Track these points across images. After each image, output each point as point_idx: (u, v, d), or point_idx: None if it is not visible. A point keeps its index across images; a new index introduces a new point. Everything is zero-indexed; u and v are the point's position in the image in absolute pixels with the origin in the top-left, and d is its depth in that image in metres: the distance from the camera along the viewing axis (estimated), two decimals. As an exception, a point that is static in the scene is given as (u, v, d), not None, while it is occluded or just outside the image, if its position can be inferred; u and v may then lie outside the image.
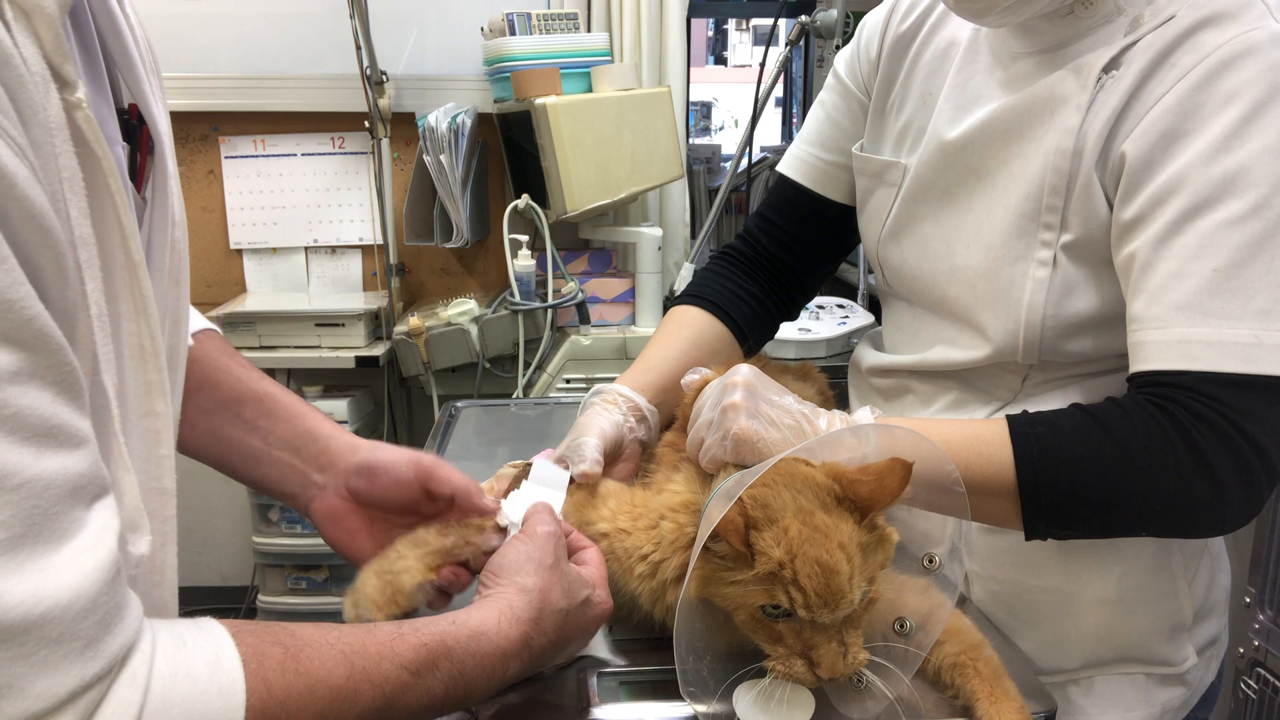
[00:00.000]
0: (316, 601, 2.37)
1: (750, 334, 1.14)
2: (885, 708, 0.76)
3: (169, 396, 0.60)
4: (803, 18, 2.19)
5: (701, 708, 0.74)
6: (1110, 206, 0.84)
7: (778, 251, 1.17)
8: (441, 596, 0.81)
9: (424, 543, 0.81)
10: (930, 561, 0.81)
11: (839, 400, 1.12)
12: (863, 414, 0.88)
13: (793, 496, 0.73)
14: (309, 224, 2.52)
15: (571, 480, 0.89)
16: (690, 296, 1.15)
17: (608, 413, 0.97)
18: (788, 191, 1.16)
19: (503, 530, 0.82)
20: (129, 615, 0.47)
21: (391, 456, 0.84)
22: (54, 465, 0.44)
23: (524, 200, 2.14)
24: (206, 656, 0.50)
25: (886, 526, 0.75)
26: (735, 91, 5.53)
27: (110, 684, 0.45)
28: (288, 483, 0.86)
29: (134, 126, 0.61)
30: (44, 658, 0.42)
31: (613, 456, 0.94)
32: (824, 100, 1.14)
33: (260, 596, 2.42)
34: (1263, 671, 1.29)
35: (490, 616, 0.67)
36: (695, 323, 1.12)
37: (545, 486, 0.87)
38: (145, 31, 0.65)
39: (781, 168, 1.17)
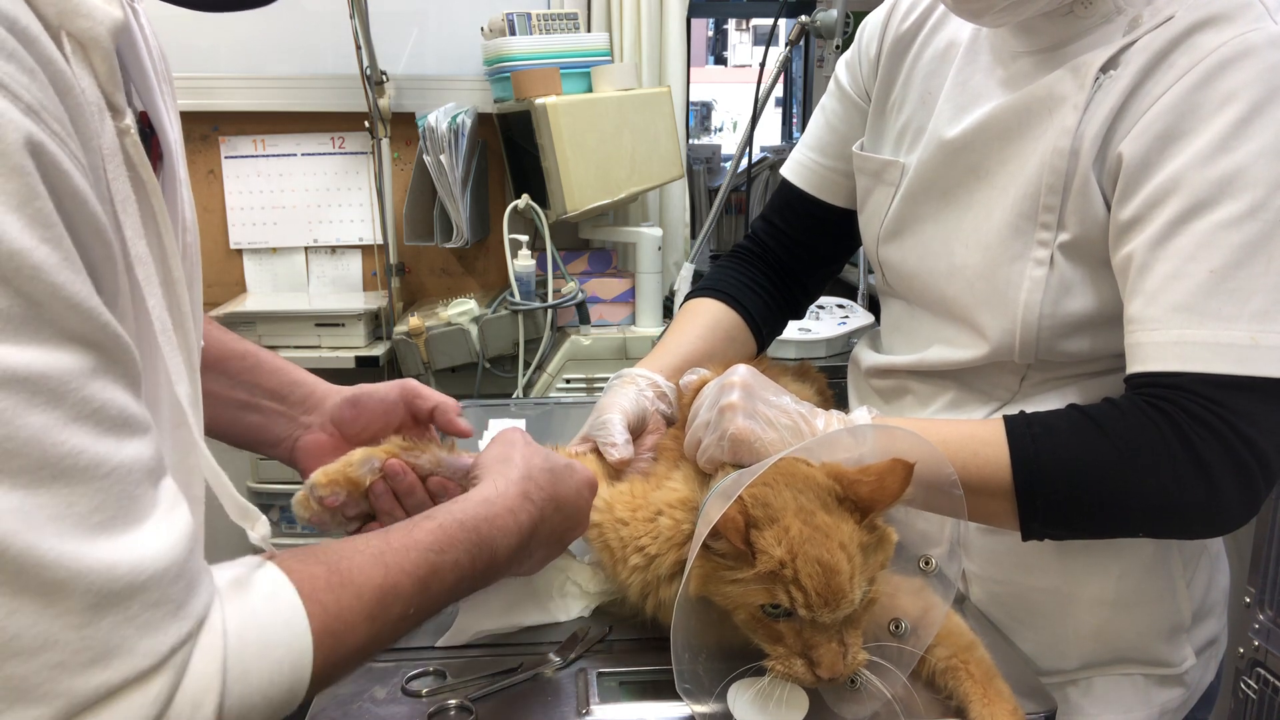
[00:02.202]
0: (317, 601, 2.37)
1: (763, 325, 1.16)
2: (881, 707, 0.76)
3: (200, 406, 0.64)
4: (803, 18, 2.18)
5: (698, 707, 0.74)
6: (1108, 206, 0.84)
7: (781, 254, 1.19)
8: (383, 501, 0.84)
9: (386, 441, 0.87)
10: (926, 564, 0.81)
11: (838, 400, 1.13)
12: (860, 414, 0.88)
13: (794, 496, 0.73)
14: (309, 224, 2.52)
15: None
16: (704, 289, 1.18)
17: (626, 391, 0.97)
18: (789, 196, 1.18)
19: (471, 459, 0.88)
20: (206, 578, 0.52)
21: (377, 386, 0.92)
22: (132, 452, 0.48)
23: (524, 200, 2.14)
24: (265, 591, 0.55)
25: (886, 527, 0.75)
26: (735, 91, 5.52)
27: (196, 641, 0.50)
28: (273, 428, 0.91)
29: (145, 134, 0.62)
30: (146, 620, 0.47)
31: (637, 431, 0.95)
32: (825, 105, 1.15)
33: (261, 596, 2.42)
34: (1263, 671, 1.29)
35: (487, 485, 0.73)
36: (711, 312, 1.14)
37: None
38: (159, 41, 0.66)
39: (784, 172, 1.19)
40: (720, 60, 7.05)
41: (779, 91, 3.12)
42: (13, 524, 0.42)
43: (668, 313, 2.36)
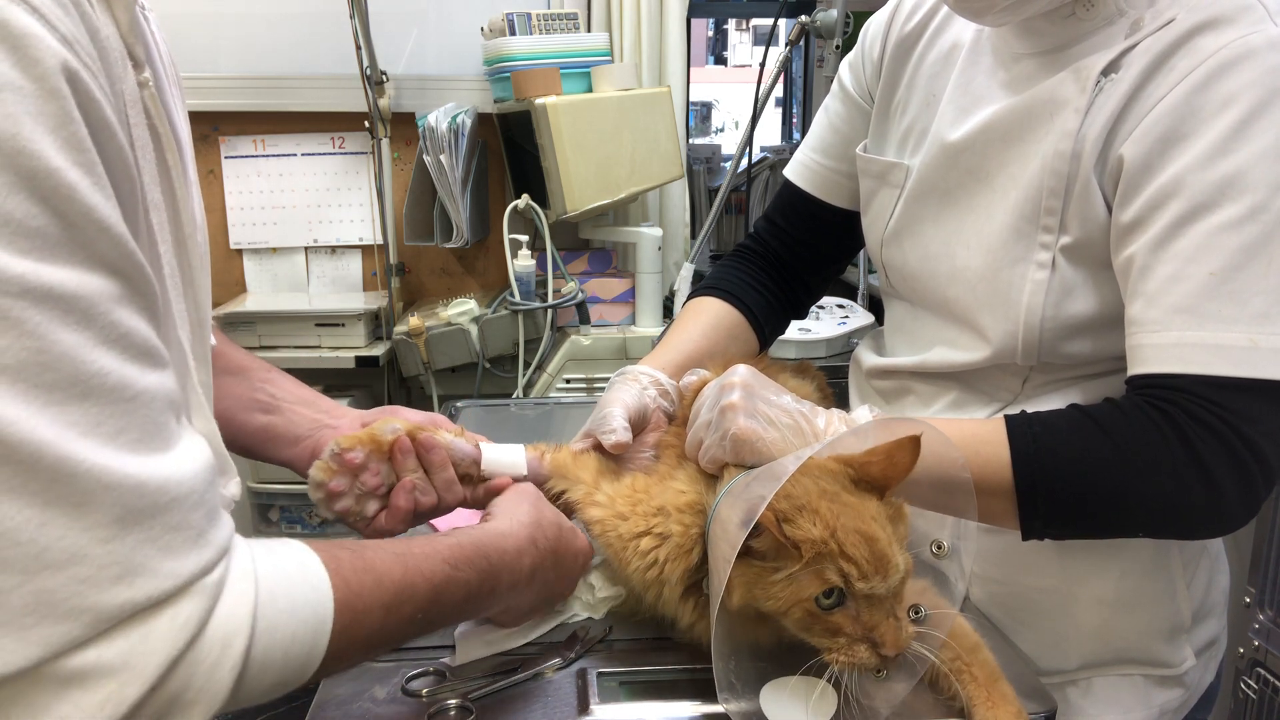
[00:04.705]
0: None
1: (765, 323, 1.16)
2: (903, 699, 0.76)
3: (210, 368, 0.66)
4: (803, 18, 2.18)
5: (734, 708, 0.74)
6: (1109, 209, 0.84)
7: (784, 254, 1.19)
8: (407, 461, 0.85)
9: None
10: (939, 549, 0.81)
11: (839, 400, 1.13)
12: (861, 413, 0.88)
13: (813, 482, 0.74)
14: (309, 224, 2.52)
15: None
16: (707, 288, 1.18)
17: (629, 388, 0.97)
18: (792, 196, 1.18)
19: (476, 447, 0.90)
20: (225, 515, 0.53)
21: (414, 411, 0.96)
22: (155, 381, 0.49)
23: (524, 200, 2.14)
24: (294, 560, 0.57)
25: (899, 501, 0.76)
26: (735, 91, 5.53)
27: (225, 578, 0.51)
28: (295, 427, 0.92)
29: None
30: (167, 542, 0.48)
31: (638, 426, 0.95)
32: (828, 107, 1.15)
33: (260, 596, 2.41)
34: (1263, 671, 1.29)
35: (501, 521, 0.78)
36: (713, 310, 1.14)
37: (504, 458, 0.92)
38: (169, 48, 0.68)
39: (787, 173, 1.19)
40: (720, 60, 7.05)
41: (779, 91, 3.12)
42: (47, 434, 0.43)
43: (668, 313, 2.36)
